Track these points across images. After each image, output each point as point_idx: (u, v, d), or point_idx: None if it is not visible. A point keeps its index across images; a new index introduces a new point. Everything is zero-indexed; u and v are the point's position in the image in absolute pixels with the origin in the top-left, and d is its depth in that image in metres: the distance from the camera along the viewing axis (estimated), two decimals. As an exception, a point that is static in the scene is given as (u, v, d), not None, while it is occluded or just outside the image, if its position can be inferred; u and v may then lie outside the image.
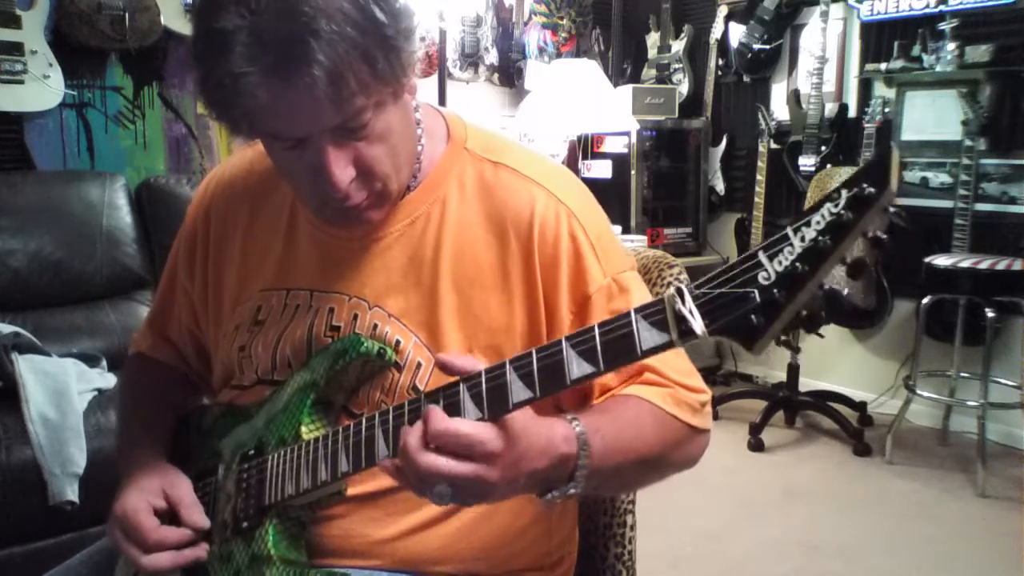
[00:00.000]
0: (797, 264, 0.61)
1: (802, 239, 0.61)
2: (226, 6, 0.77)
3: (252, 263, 1.05)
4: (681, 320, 0.65)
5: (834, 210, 0.61)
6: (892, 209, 0.74)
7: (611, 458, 0.83)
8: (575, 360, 0.72)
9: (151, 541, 0.91)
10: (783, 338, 3.44)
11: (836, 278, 3.25)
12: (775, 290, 0.62)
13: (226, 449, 1.00)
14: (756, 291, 0.62)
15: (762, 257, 0.63)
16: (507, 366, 0.75)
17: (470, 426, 0.73)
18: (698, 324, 0.64)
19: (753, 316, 0.62)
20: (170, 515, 0.95)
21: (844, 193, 0.60)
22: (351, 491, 0.92)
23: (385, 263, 0.97)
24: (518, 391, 0.73)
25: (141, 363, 1.18)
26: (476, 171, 0.99)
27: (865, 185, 0.60)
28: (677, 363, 0.95)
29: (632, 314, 0.69)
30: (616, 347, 0.70)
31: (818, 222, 0.61)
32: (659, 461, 0.92)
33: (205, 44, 0.79)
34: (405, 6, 0.83)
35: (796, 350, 3.54)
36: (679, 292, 0.66)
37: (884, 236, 0.73)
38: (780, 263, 0.62)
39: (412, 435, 0.74)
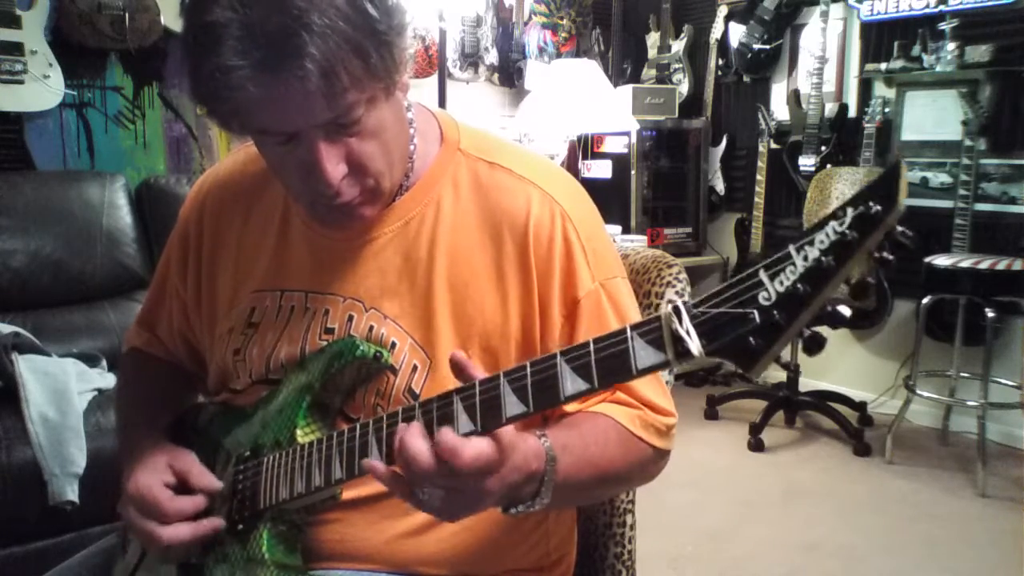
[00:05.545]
0: (799, 285, 0.59)
1: (805, 258, 0.59)
2: None
3: (246, 264, 1.05)
4: (678, 340, 0.64)
5: (839, 229, 0.58)
6: (899, 228, 0.71)
7: (576, 475, 0.84)
8: (569, 376, 0.71)
9: (170, 512, 0.91)
10: (782, 361, 3.43)
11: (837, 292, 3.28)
12: (775, 311, 0.60)
13: (222, 449, 1.00)
14: (756, 311, 0.61)
15: (763, 276, 0.61)
16: (501, 378, 0.74)
17: (474, 449, 0.72)
18: (695, 345, 0.63)
19: (751, 338, 0.61)
20: (179, 488, 0.95)
21: (850, 211, 0.58)
22: (346, 495, 0.91)
23: (379, 264, 0.97)
24: (511, 405, 0.73)
25: (138, 357, 1.18)
26: (471, 171, 0.98)
27: (871, 203, 0.57)
28: (651, 380, 0.96)
29: (628, 331, 0.68)
30: (611, 364, 0.69)
31: (822, 241, 0.58)
32: (620, 479, 0.95)
33: (196, 37, 0.79)
34: (397, 3, 0.83)
35: (795, 373, 3.55)
36: (676, 311, 0.64)
37: (891, 257, 0.69)
38: (781, 283, 0.60)
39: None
